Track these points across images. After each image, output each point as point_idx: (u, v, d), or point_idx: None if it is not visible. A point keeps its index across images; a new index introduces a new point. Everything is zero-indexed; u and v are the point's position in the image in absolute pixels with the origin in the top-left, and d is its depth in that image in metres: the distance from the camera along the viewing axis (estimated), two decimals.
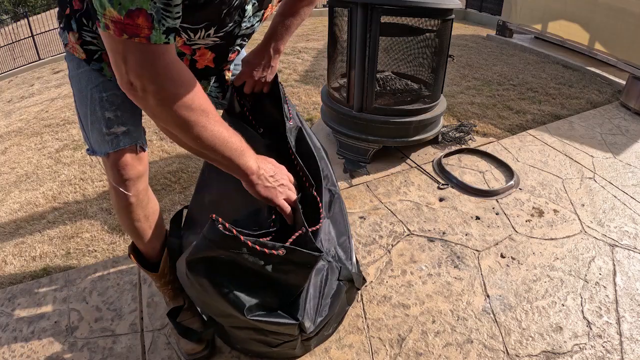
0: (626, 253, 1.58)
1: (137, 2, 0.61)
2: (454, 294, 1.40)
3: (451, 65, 3.78)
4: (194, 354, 1.16)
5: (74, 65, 0.95)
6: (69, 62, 0.96)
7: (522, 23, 4.71)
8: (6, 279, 1.60)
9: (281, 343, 1.04)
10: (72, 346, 1.25)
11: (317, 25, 6.66)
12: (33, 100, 4.56)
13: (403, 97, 2.12)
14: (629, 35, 3.41)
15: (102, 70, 0.93)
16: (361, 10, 1.78)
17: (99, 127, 0.96)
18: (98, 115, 0.95)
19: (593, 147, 2.33)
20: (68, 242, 1.79)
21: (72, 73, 0.96)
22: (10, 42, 9.91)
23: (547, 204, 1.84)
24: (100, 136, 0.97)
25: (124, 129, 0.97)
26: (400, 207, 1.81)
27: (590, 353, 1.21)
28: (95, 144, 0.98)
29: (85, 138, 1.02)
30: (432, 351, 1.21)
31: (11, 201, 2.21)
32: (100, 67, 0.92)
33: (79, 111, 0.99)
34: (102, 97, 0.94)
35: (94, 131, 0.97)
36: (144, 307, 1.37)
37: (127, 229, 1.12)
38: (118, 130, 0.96)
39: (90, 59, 0.91)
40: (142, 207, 1.08)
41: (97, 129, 0.96)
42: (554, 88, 3.27)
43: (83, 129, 1.00)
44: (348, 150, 2.13)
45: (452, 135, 2.34)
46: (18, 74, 7.72)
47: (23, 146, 2.99)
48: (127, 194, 1.02)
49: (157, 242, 1.16)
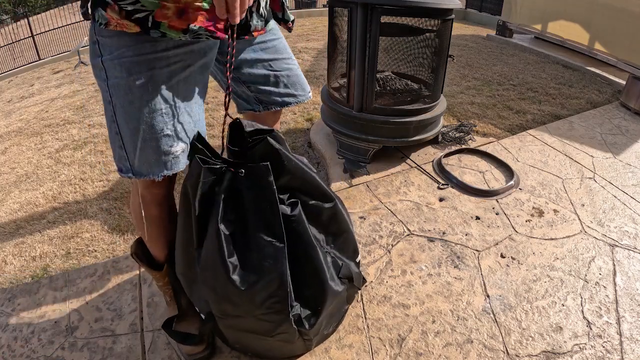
0: (626, 253, 1.58)
1: None
2: (454, 294, 1.40)
3: (451, 65, 3.78)
4: (194, 354, 1.16)
5: (123, 71, 0.80)
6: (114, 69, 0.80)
7: (522, 23, 4.71)
8: (6, 279, 1.60)
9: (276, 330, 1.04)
10: (72, 346, 1.25)
11: (317, 25, 6.66)
12: (33, 100, 4.56)
13: (403, 97, 2.12)
14: (629, 35, 3.41)
15: (164, 36, 0.77)
16: (361, 10, 1.78)
17: (154, 145, 0.84)
18: (156, 131, 0.83)
19: (593, 147, 2.33)
20: (68, 242, 1.80)
21: (120, 81, 0.81)
22: (10, 42, 9.91)
23: (547, 204, 1.84)
24: (154, 156, 0.85)
25: (184, 147, 0.87)
26: (400, 207, 1.81)
27: (590, 353, 1.21)
28: (143, 165, 0.86)
29: (120, 158, 0.88)
30: (432, 351, 1.21)
31: (11, 201, 2.21)
32: (160, 33, 0.77)
33: (123, 126, 0.84)
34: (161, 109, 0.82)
35: (146, 150, 0.85)
36: (144, 307, 1.37)
37: (147, 237, 1.10)
38: (177, 149, 0.86)
39: (146, 28, 0.76)
40: (166, 216, 1.06)
41: (151, 147, 0.84)
42: (554, 88, 3.27)
43: (124, 147, 0.86)
44: (348, 150, 2.13)
45: (452, 135, 2.34)
46: (18, 74, 7.72)
47: (23, 146, 2.99)
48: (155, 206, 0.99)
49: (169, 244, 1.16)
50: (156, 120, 0.83)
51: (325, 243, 1.12)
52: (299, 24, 7.10)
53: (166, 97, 0.83)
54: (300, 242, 1.02)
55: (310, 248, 1.03)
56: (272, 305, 0.98)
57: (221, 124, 2.81)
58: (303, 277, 1.04)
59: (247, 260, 0.96)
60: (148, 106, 0.82)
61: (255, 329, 1.05)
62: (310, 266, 1.05)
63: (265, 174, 0.92)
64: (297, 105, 3.08)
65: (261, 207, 0.95)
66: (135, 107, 0.82)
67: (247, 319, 1.02)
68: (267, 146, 0.95)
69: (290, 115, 2.93)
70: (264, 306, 0.97)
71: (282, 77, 1.07)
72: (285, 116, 2.91)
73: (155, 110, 0.83)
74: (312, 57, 4.46)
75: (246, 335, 1.09)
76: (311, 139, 2.51)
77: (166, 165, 0.87)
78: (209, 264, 0.95)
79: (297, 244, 1.02)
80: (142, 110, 0.82)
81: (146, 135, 0.84)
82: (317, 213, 1.08)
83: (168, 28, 0.76)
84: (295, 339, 1.08)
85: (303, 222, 1.01)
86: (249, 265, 0.95)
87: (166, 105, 0.84)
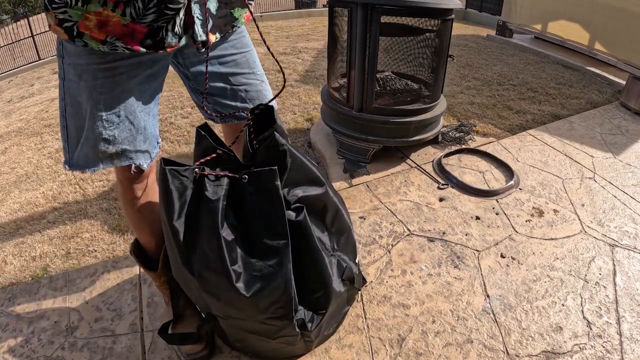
0: (626, 253, 1.58)
1: None
2: (454, 294, 1.40)
3: (451, 65, 3.78)
4: (194, 353, 1.16)
5: (75, 76, 0.87)
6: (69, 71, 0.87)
7: (522, 23, 4.71)
8: (6, 279, 1.60)
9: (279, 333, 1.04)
10: (72, 346, 1.25)
11: (317, 25, 6.66)
12: (33, 100, 4.56)
13: (403, 97, 2.12)
14: (629, 35, 3.41)
15: (86, 46, 0.82)
16: (361, 10, 1.78)
17: (92, 144, 0.91)
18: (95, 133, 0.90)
19: (593, 147, 2.33)
20: (68, 242, 1.80)
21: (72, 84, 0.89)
22: (10, 42, 9.90)
23: (547, 204, 1.84)
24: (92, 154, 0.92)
25: (119, 149, 0.93)
26: (400, 207, 1.81)
27: (590, 353, 1.21)
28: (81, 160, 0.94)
29: (64, 150, 0.96)
30: (432, 351, 1.21)
31: (11, 201, 2.21)
32: (83, 42, 0.81)
33: (70, 122, 0.92)
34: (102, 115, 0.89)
35: (85, 147, 0.92)
36: (144, 307, 1.37)
37: (132, 223, 1.13)
38: (112, 151, 0.93)
39: (72, 37, 0.81)
40: (147, 199, 1.08)
41: (89, 145, 0.92)
42: (554, 88, 3.27)
43: (67, 141, 0.94)
44: (348, 150, 2.13)
45: (452, 135, 2.35)
46: (18, 74, 7.71)
47: (23, 146, 2.99)
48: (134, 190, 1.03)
49: (159, 238, 1.16)
50: (96, 125, 0.90)
51: (330, 243, 1.12)
52: (299, 24, 7.10)
53: (108, 105, 0.89)
54: (306, 247, 1.02)
55: (316, 253, 1.03)
56: (276, 310, 0.97)
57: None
58: (308, 281, 1.04)
59: (251, 266, 0.95)
60: (91, 111, 0.89)
61: (257, 331, 1.05)
62: (316, 271, 1.04)
63: (271, 178, 0.92)
64: (297, 105, 3.08)
65: (265, 211, 0.94)
66: (81, 109, 0.90)
67: (249, 322, 1.02)
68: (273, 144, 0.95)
69: (290, 115, 2.93)
70: (268, 312, 0.97)
71: (239, 92, 1.10)
72: (285, 116, 2.91)
73: (96, 116, 0.89)
74: (312, 57, 4.46)
75: (248, 335, 1.09)
76: (311, 139, 2.51)
77: (101, 162, 0.94)
78: (211, 271, 0.93)
79: (302, 249, 1.01)
80: (86, 113, 0.89)
81: (88, 134, 0.91)
82: (321, 212, 1.07)
83: (90, 38, 0.81)
84: (297, 341, 1.08)
85: (308, 227, 1.01)
86: (252, 271, 0.94)
87: (107, 112, 0.90)
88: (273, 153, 0.97)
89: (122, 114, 0.92)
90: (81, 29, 0.80)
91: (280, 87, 3.48)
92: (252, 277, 0.94)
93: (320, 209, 1.07)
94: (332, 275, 1.07)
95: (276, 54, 4.68)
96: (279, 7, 9.38)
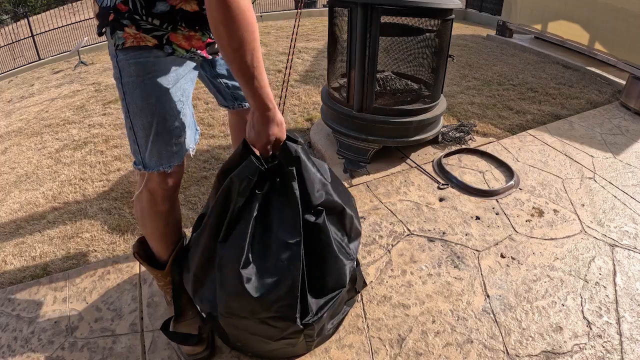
0: (626, 253, 1.58)
1: None
2: (454, 294, 1.40)
3: (451, 65, 3.78)
4: (194, 354, 1.16)
5: (138, 70, 0.91)
6: (128, 66, 0.91)
7: (522, 23, 4.71)
8: (6, 279, 1.60)
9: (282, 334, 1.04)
10: (72, 346, 1.25)
11: (317, 25, 6.66)
12: (33, 100, 4.56)
13: (403, 97, 2.12)
14: (629, 35, 3.41)
15: (174, 53, 0.94)
16: (361, 10, 1.78)
17: (166, 138, 0.95)
18: (168, 124, 0.94)
19: (593, 147, 2.33)
20: (68, 242, 1.79)
21: (132, 79, 0.92)
22: (10, 42, 9.90)
23: (547, 204, 1.84)
24: (165, 148, 0.96)
25: (189, 133, 0.99)
26: (400, 207, 1.81)
27: (590, 353, 1.21)
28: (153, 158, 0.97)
29: (134, 151, 0.99)
30: (432, 351, 1.21)
31: (11, 201, 2.21)
32: (172, 49, 0.94)
33: (136, 121, 0.95)
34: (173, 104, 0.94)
35: (158, 143, 0.95)
36: (144, 307, 1.37)
37: (154, 234, 1.12)
38: (182, 138, 0.98)
39: (162, 44, 0.92)
40: (174, 213, 1.10)
41: (163, 140, 0.95)
42: (554, 88, 3.27)
43: (136, 142, 0.97)
44: (348, 150, 2.13)
45: (452, 135, 2.34)
46: (18, 74, 7.71)
47: (23, 146, 2.99)
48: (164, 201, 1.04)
49: (175, 244, 1.17)
50: (169, 114, 0.94)
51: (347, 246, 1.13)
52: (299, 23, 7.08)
53: (176, 93, 0.96)
54: (324, 250, 1.04)
55: (332, 257, 1.06)
56: (280, 309, 0.98)
57: (221, 124, 2.81)
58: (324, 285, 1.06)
59: (265, 261, 0.98)
60: (161, 101, 0.93)
61: (260, 333, 1.05)
62: (333, 276, 1.07)
63: (290, 178, 0.99)
64: (297, 105, 3.08)
65: (285, 211, 1.00)
66: (149, 103, 0.93)
67: (252, 321, 1.02)
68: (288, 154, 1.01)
69: (290, 115, 2.93)
70: (273, 309, 0.98)
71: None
72: (286, 116, 2.91)
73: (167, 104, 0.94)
74: (312, 57, 4.46)
75: (249, 336, 1.09)
76: (311, 139, 2.51)
77: (175, 155, 0.98)
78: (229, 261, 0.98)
79: (320, 252, 1.04)
80: (155, 105, 0.93)
81: (160, 128, 0.95)
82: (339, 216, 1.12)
83: (177, 46, 0.95)
84: (299, 342, 1.08)
85: (327, 230, 1.04)
86: (266, 266, 0.98)
87: (177, 100, 0.96)
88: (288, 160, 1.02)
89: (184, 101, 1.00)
90: (171, 39, 0.94)
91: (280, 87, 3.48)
92: (263, 272, 0.97)
93: (339, 212, 1.11)
94: (347, 283, 1.10)
95: (276, 53, 4.68)
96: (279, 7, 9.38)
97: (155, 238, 1.14)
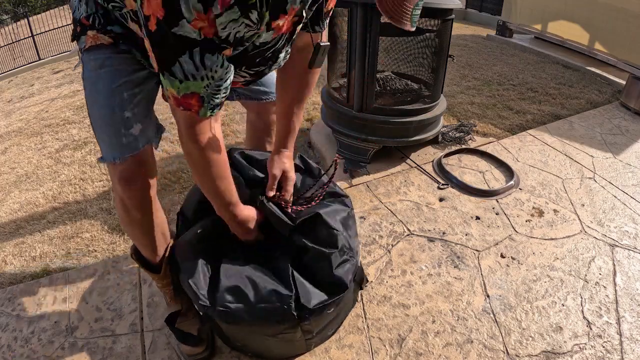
0: (626, 253, 1.58)
1: (192, 88, 0.77)
2: (454, 294, 1.40)
3: (451, 65, 3.78)
4: (194, 355, 1.16)
5: (95, 65, 0.94)
6: (88, 62, 0.95)
7: (522, 23, 4.71)
8: (6, 279, 1.60)
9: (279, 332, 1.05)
10: (72, 346, 1.25)
11: None
12: (33, 100, 4.56)
13: (403, 97, 2.12)
14: (629, 35, 3.41)
15: (130, 52, 0.95)
16: (361, 10, 1.78)
17: (117, 128, 0.95)
18: (118, 115, 0.95)
19: (593, 147, 2.33)
20: (68, 242, 1.80)
21: (90, 74, 0.95)
22: (10, 42, 9.90)
23: (547, 204, 1.84)
24: (117, 137, 0.96)
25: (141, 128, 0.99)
26: (400, 207, 1.81)
27: (590, 353, 1.21)
28: (106, 147, 0.97)
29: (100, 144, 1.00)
30: (432, 351, 1.21)
31: (11, 201, 2.21)
32: (129, 48, 0.95)
33: (93, 114, 0.97)
34: (123, 97, 0.95)
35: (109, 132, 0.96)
36: (144, 307, 1.37)
37: (135, 240, 1.12)
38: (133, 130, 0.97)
39: (118, 41, 0.94)
40: (151, 221, 1.08)
41: (114, 130, 0.96)
42: (554, 88, 3.27)
43: (95, 134, 1.00)
44: (348, 150, 2.13)
45: (452, 135, 2.34)
46: (18, 74, 7.72)
47: (23, 146, 2.99)
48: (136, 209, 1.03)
49: (162, 249, 1.16)
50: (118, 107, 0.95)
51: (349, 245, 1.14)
52: None
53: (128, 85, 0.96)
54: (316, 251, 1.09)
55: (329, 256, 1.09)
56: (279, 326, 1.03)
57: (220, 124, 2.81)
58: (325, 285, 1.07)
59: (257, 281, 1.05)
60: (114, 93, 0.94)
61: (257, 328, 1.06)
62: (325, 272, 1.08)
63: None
64: None
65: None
66: (102, 96, 0.94)
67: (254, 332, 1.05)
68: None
69: None
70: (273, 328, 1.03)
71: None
72: None
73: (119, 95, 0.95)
74: None
75: (248, 335, 1.10)
76: (311, 139, 2.51)
77: (126, 147, 0.97)
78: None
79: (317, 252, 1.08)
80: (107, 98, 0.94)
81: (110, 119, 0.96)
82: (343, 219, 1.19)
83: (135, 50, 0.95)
84: (297, 337, 1.08)
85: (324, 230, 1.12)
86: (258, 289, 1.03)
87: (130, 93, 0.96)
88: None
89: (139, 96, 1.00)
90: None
91: None
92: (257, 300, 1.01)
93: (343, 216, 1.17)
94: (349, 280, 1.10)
95: None
96: None
97: (138, 244, 1.13)
